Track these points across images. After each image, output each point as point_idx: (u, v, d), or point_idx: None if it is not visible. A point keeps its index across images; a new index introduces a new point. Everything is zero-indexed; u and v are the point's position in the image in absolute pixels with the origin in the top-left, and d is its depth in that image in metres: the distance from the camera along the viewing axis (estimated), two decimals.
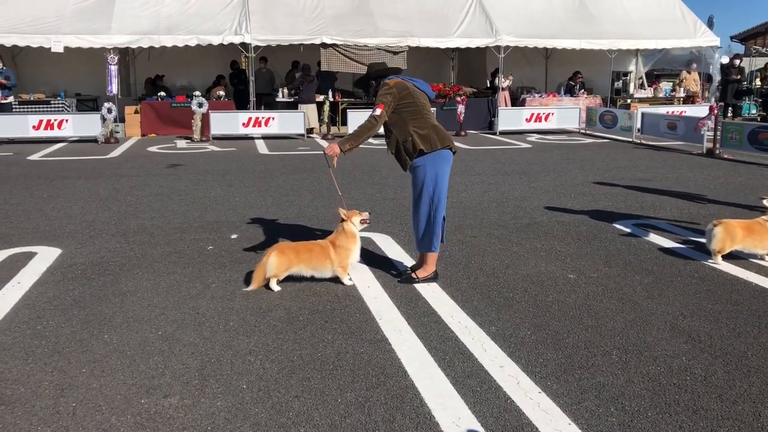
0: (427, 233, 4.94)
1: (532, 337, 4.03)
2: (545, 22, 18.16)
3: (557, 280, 5.15)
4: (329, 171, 5.00)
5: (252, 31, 16.07)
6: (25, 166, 11.36)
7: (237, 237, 6.44)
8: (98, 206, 7.88)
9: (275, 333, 4.10)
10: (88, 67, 17.09)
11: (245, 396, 3.30)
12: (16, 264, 5.52)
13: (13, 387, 3.38)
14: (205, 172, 10.55)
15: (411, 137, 4.80)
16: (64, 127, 14.93)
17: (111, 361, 3.70)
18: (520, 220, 7.18)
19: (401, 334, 4.08)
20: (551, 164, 11.53)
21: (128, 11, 16.19)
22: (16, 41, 15.17)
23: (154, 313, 4.42)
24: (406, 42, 16.71)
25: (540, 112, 17.22)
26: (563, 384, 3.42)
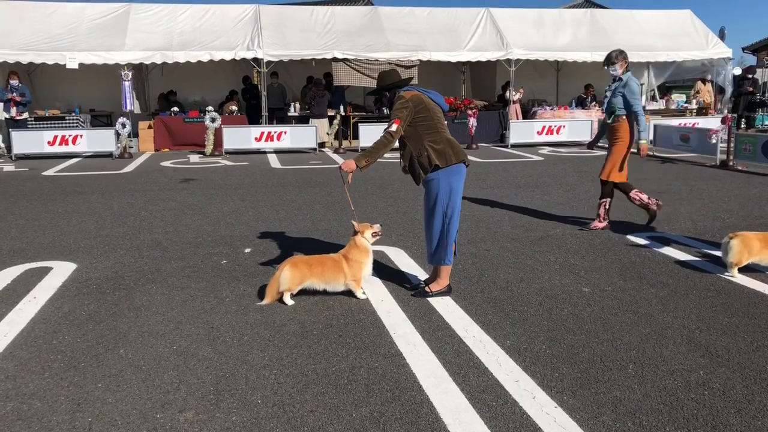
0: (441, 247, 4.94)
1: (548, 351, 4.00)
2: (556, 35, 18.20)
3: (572, 293, 5.12)
4: (343, 187, 5.00)
5: (264, 47, 16.21)
6: (41, 181, 11.47)
7: (250, 251, 6.46)
8: (113, 221, 7.94)
9: (289, 347, 4.10)
10: (102, 83, 17.30)
11: (260, 411, 3.30)
12: (32, 279, 5.56)
13: (30, 402, 3.40)
14: (218, 187, 10.61)
15: (426, 152, 4.78)
16: (78, 143, 15.09)
17: (126, 375, 3.71)
18: (533, 233, 7.16)
19: (415, 348, 4.07)
20: (564, 177, 11.50)
21: (142, 28, 16.40)
22: (32, 58, 15.38)
23: (169, 328, 4.44)
24: (417, 56, 16.79)
25: (551, 124, 17.21)
26: (579, 398, 3.40)
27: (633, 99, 6.95)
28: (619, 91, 7.04)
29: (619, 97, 7.04)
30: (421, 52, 16.90)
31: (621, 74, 7.07)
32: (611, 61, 7.06)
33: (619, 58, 7.02)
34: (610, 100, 7.14)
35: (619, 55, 7.03)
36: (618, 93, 7.05)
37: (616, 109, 7.06)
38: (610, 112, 7.15)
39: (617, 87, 7.07)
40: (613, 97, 7.10)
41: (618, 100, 7.05)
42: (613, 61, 7.04)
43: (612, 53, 7.08)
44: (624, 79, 7.04)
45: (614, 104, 7.07)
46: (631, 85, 6.99)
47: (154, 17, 16.85)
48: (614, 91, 7.09)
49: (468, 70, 21.07)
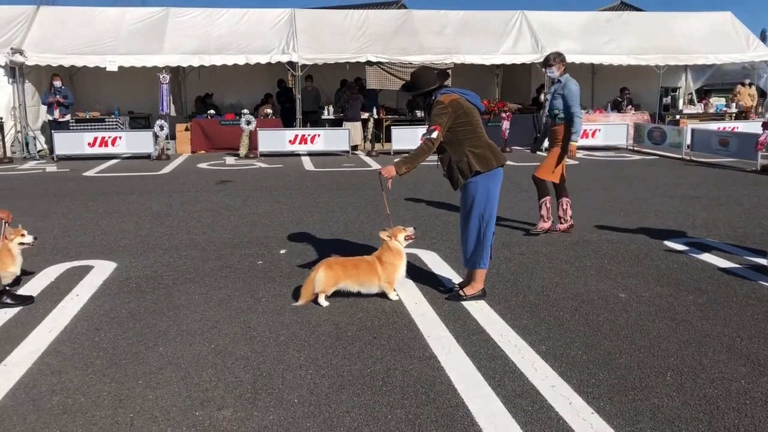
0: (477, 250, 4.92)
1: (584, 357, 3.98)
2: (591, 37, 18.02)
3: (608, 299, 5.07)
4: (381, 192, 5.02)
5: (299, 50, 16.35)
6: (81, 181, 11.74)
7: (285, 252, 6.53)
8: (151, 221, 8.09)
9: (324, 348, 4.14)
10: (140, 85, 17.62)
11: (297, 410, 3.34)
12: (74, 277, 5.71)
13: (74, 397, 3.49)
14: (254, 189, 10.73)
15: (466, 157, 4.75)
16: (117, 144, 15.40)
17: (166, 373, 3.79)
18: (568, 237, 7.10)
19: (450, 351, 4.07)
20: (599, 181, 11.38)
21: (180, 31, 16.68)
22: (74, 62, 15.76)
23: (207, 327, 4.51)
24: (451, 59, 16.77)
25: (587, 128, 17.02)
26: (617, 405, 3.37)
27: (571, 101, 6.96)
28: (559, 93, 7.05)
29: (559, 100, 7.06)
30: (455, 55, 16.87)
31: (559, 76, 7.07)
32: (548, 63, 7.06)
33: (556, 61, 7.02)
34: (550, 103, 7.16)
35: (556, 57, 7.04)
36: (558, 95, 7.07)
37: (558, 112, 7.07)
38: (552, 115, 7.15)
39: (556, 89, 7.08)
40: (554, 99, 7.12)
41: (558, 103, 7.07)
42: (550, 63, 7.04)
43: (550, 55, 7.10)
44: (563, 81, 7.04)
45: (555, 107, 7.08)
46: (570, 87, 6.98)
47: (192, 21, 17.13)
48: (554, 93, 7.11)
49: (502, 73, 20.96)
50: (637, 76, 18.95)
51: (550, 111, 7.17)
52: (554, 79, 7.12)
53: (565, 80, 7.02)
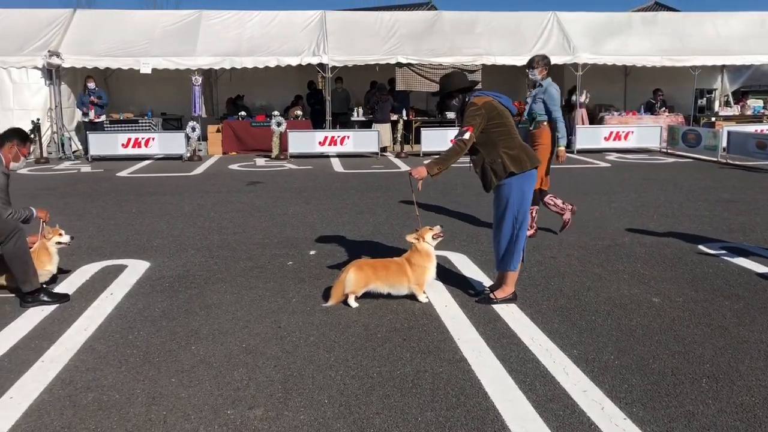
0: (509, 252, 4.88)
1: (616, 362, 3.92)
2: (625, 38, 17.78)
3: (641, 303, 5.00)
4: (411, 193, 5.02)
5: (329, 52, 16.42)
6: (115, 182, 11.94)
7: (315, 253, 6.56)
8: (183, 221, 8.19)
9: (354, 349, 4.15)
10: (173, 87, 17.85)
11: (327, 411, 3.36)
12: (109, 276, 5.80)
13: (109, 393, 3.55)
14: (284, 190, 10.81)
15: (500, 158, 4.72)
16: (150, 145, 15.63)
17: (198, 371, 3.83)
18: (600, 241, 7.02)
19: (480, 354, 4.05)
20: (632, 184, 11.23)
21: (212, 34, 16.87)
22: (109, 64, 16.04)
23: (238, 326, 4.56)
24: (482, 60, 16.70)
25: (619, 130, 16.83)
26: (650, 411, 3.32)
27: (552, 105, 6.94)
28: (540, 97, 7.01)
29: (539, 104, 7.01)
30: (485, 56, 16.80)
31: (541, 80, 7.02)
32: (532, 65, 6.99)
33: (540, 64, 6.95)
34: (530, 106, 7.10)
35: (541, 60, 6.97)
36: (538, 99, 7.02)
37: (537, 116, 7.02)
38: (531, 118, 7.10)
39: (537, 93, 7.04)
40: (534, 103, 7.07)
41: (538, 107, 7.03)
42: (534, 65, 6.97)
43: (535, 57, 7.02)
44: (544, 86, 7.01)
45: (535, 111, 7.03)
46: (550, 92, 6.95)
47: (224, 24, 17.31)
48: (534, 97, 7.07)
49: None
50: (671, 78, 18.66)
51: (529, 115, 7.14)
52: (535, 83, 7.12)
53: (547, 85, 7.01)
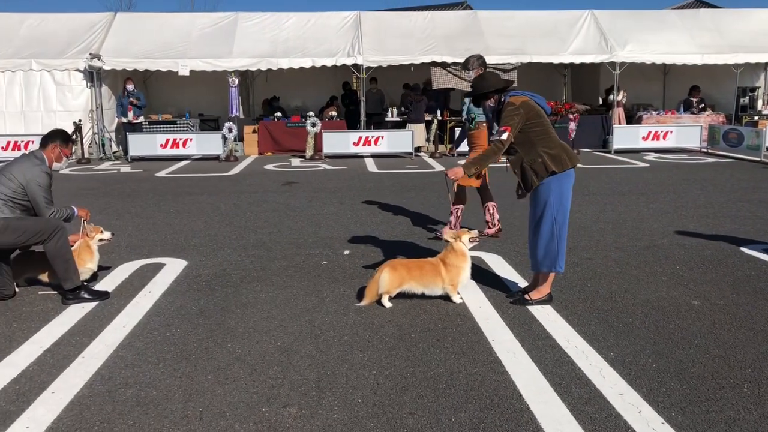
0: (550, 253, 4.81)
1: (654, 365, 3.86)
2: (663, 36, 17.46)
3: (680, 306, 4.90)
4: (447, 193, 5.00)
5: (364, 53, 16.47)
6: (154, 182, 12.15)
7: (349, 253, 6.58)
8: (220, 221, 8.30)
9: (388, 349, 4.16)
10: (210, 88, 18.12)
11: (360, 410, 3.36)
12: (147, 274, 5.91)
13: (146, 390, 3.62)
14: (318, 190, 10.87)
15: (541, 158, 4.67)
16: (188, 146, 15.87)
17: (234, 369, 3.88)
18: (638, 242, 6.91)
19: (515, 356, 4.02)
20: (670, 184, 11.02)
21: (249, 36, 17.07)
22: (148, 66, 16.35)
23: (273, 325, 4.60)
24: (518, 59, 16.57)
25: (658, 129, 16.53)
26: (689, 416, 3.25)
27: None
28: None
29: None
30: (521, 55, 16.66)
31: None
32: (468, 67, 6.88)
33: (476, 65, 6.82)
34: (468, 107, 7.02)
35: (476, 61, 6.85)
36: None
37: (476, 116, 6.93)
38: (471, 119, 7.02)
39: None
40: (472, 104, 6.87)
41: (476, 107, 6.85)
42: (469, 67, 6.86)
43: (470, 59, 6.91)
44: None
45: (473, 111, 6.93)
46: None
47: (260, 25, 17.49)
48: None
49: (569, 74, 20.59)
50: (711, 76, 18.26)
51: (468, 115, 7.09)
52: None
53: None
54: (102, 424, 3.25)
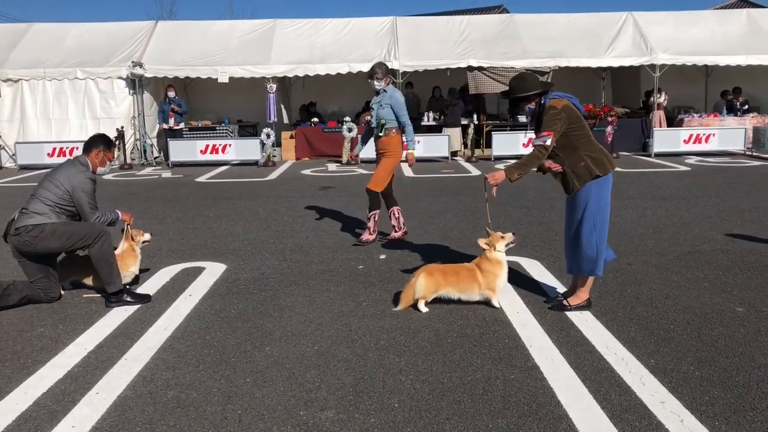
0: (587, 257, 4.75)
1: (696, 373, 3.78)
2: (706, 37, 17.12)
3: (723, 312, 4.80)
4: (484, 199, 4.98)
5: (400, 57, 16.51)
6: (194, 187, 12.36)
7: (385, 257, 6.60)
8: (258, 225, 8.40)
9: (424, 354, 4.15)
10: (248, 95, 18.37)
11: (397, 415, 3.37)
12: (188, 278, 6.01)
13: (187, 392, 3.68)
14: (354, 194, 10.92)
15: (584, 162, 4.63)
16: (227, 152, 16.12)
17: (272, 372, 3.92)
18: (679, 247, 6.78)
19: (553, 362, 3.98)
20: (713, 188, 10.79)
21: (286, 42, 17.27)
22: (188, 73, 16.66)
23: (310, 329, 4.64)
24: (555, 62, 16.42)
25: (699, 132, 16.20)
26: (733, 426, 3.18)
27: (400, 111, 7.01)
28: (386, 103, 6.96)
29: (387, 109, 6.97)
30: (559, 58, 16.51)
31: (384, 87, 7.00)
32: (374, 75, 7.00)
33: (382, 72, 6.99)
34: (377, 112, 7.03)
35: (380, 68, 7.01)
36: (385, 105, 6.97)
37: (386, 122, 6.96)
38: (380, 125, 7.01)
39: (382, 99, 7.02)
40: (381, 109, 7.00)
41: (386, 113, 6.98)
42: (377, 76, 6.99)
43: (375, 67, 7.03)
44: (388, 92, 6.99)
45: (383, 117, 6.97)
46: (396, 97, 7.02)
47: (298, 32, 17.68)
48: (380, 103, 7.01)
49: (609, 77, 20.32)
50: (756, 77, 17.82)
51: (377, 121, 7.08)
52: (378, 90, 7.10)
53: (391, 91, 7.07)
54: (144, 425, 3.32)
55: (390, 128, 7.06)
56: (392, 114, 7.03)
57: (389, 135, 7.08)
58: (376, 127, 7.11)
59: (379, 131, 7.09)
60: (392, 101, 7.01)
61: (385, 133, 7.08)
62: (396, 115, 7.03)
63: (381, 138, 7.12)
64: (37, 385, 3.80)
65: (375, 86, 7.10)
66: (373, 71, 7.04)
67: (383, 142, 7.12)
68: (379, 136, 7.12)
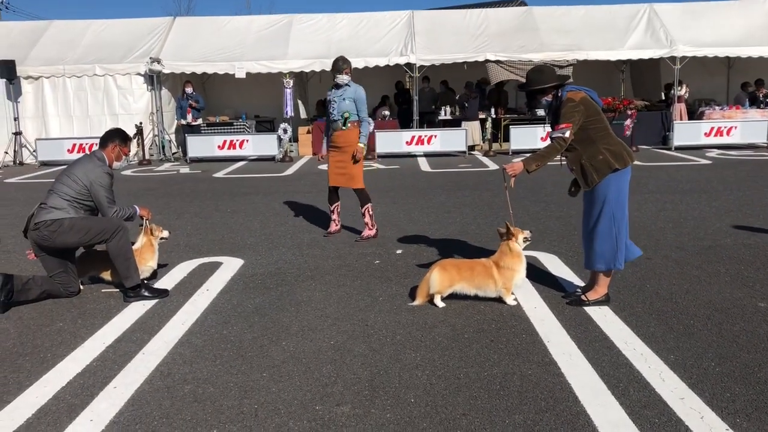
0: (607, 251, 4.70)
1: (717, 369, 3.72)
2: (728, 28, 16.83)
3: (745, 308, 4.72)
4: (504, 189, 4.95)
5: (417, 51, 16.44)
6: (212, 182, 12.41)
7: (401, 252, 6.58)
8: (275, 220, 8.42)
9: (441, 349, 4.14)
10: (265, 90, 18.41)
11: (413, 410, 3.36)
12: (205, 273, 6.04)
13: (204, 386, 3.70)
14: (371, 189, 10.79)
15: (602, 155, 4.58)
16: (244, 147, 16.18)
17: (288, 367, 3.92)
18: (700, 241, 6.69)
19: (571, 358, 3.94)
20: (734, 182, 10.63)
21: (303, 37, 17.26)
22: (206, 69, 16.70)
23: (327, 323, 4.63)
24: (574, 55, 16.26)
25: (721, 125, 15.97)
26: (755, 422, 3.13)
27: (362, 105, 7.09)
28: (350, 97, 7.00)
29: (350, 103, 7.00)
30: (577, 51, 16.34)
31: (348, 82, 7.05)
32: (338, 70, 7.04)
33: (346, 66, 7.04)
34: (339, 105, 7.04)
35: (343, 63, 7.05)
36: (348, 99, 7.01)
37: (349, 115, 6.98)
38: (343, 118, 7.01)
39: (345, 93, 7.04)
40: (343, 102, 7.03)
41: (349, 106, 7.01)
42: (342, 71, 7.05)
43: (339, 64, 7.05)
44: (351, 86, 7.04)
45: (346, 110, 7.01)
46: (359, 92, 7.10)
47: (314, 27, 17.66)
48: (343, 97, 7.04)
49: (628, 70, 20.09)
50: None
51: (340, 114, 7.07)
52: (340, 84, 7.12)
53: (354, 85, 7.14)
54: (161, 419, 3.33)
55: (353, 121, 7.11)
56: (355, 107, 7.10)
57: (352, 129, 7.13)
58: (339, 120, 7.15)
59: (342, 124, 7.14)
60: (356, 95, 7.10)
61: (348, 127, 7.12)
62: (358, 109, 7.11)
63: (343, 131, 7.16)
64: (56, 380, 3.84)
65: (341, 80, 7.16)
66: (339, 66, 7.11)
67: (345, 135, 7.16)
68: (342, 129, 7.15)
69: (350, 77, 7.18)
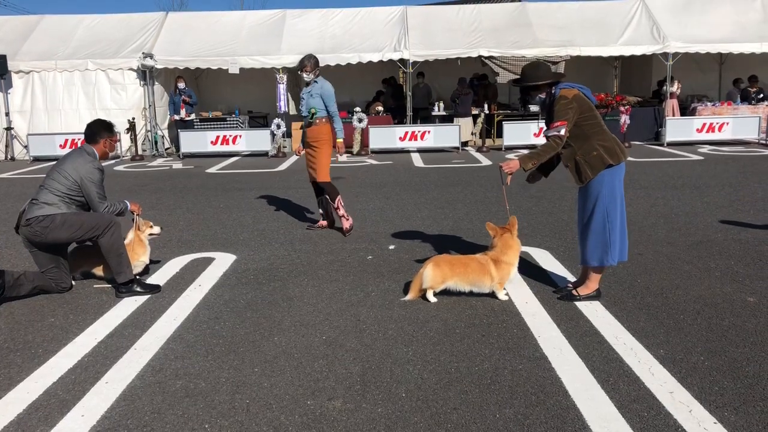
0: (599, 247, 4.72)
1: (706, 363, 3.75)
2: (720, 24, 16.89)
3: (734, 303, 4.76)
4: (501, 187, 4.98)
5: (410, 47, 16.43)
6: (204, 178, 12.39)
7: (394, 248, 6.59)
8: (268, 216, 8.42)
9: (432, 344, 4.15)
10: (259, 86, 18.37)
11: (404, 404, 3.37)
12: (197, 268, 6.04)
13: (195, 381, 3.70)
14: (364, 185, 10.91)
15: (596, 151, 4.60)
16: (237, 142, 16.14)
17: (280, 362, 3.93)
18: (691, 237, 6.73)
19: (561, 352, 3.97)
20: (726, 178, 10.69)
21: (296, 33, 17.22)
22: (199, 64, 16.67)
23: (319, 319, 4.64)
24: (567, 51, 16.28)
25: (713, 121, 16.04)
26: (743, 416, 3.16)
27: (330, 101, 7.13)
28: (317, 93, 7.06)
29: (317, 99, 7.06)
30: (570, 47, 16.37)
31: (314, 78, 7.11)
32: (306, 68, 7.10)
33: (312, 64, 7.11)
34: (307, 102, 7.12)
35: (309, 61, 7.10)
36: (315, 95, 7.07)
37: (316, 111, 7.06)
38: (311, 114, 7.09)
39: (312, 89, 7.11)
40: (311, 99, 7.09)
41: (316, 102, 7.08)
42: (307, 69, 7.09)
43: (305, 61, 7.11)
44: (319, 83, 7.10)
45: (313, 106, 7.07)
46: (327, 88, 7.13)
47: (308, 22, 17.62)
48: (311, 93, 7.11)
49: (620, 66, 20.14)
50: None
51: (308, 110, 7.14)
52: (308, 81, 7.18)
53: (321, 81, 7.17)
54: (152, 414, 3.34)
55: (321, 117, 7.16)
56: (322, 103, 7.14)
57: (319, 124, 7.16)
58: (307, 116, 7.19)
59: (309, 119, 7.18)
60: (322, 91, 7.13)
61: (315, 122, 7.16)
62: (325, 104, 7.15)
63: (312, 127, 7.19)
64: (47, 375, 3.84)
65: (305, 78, 7.18)
66: (303, 64, 7.15)
67: (314, 131, 7.20)
68: (310, 124, 7.19)
69: (316, 74, 7.20)
